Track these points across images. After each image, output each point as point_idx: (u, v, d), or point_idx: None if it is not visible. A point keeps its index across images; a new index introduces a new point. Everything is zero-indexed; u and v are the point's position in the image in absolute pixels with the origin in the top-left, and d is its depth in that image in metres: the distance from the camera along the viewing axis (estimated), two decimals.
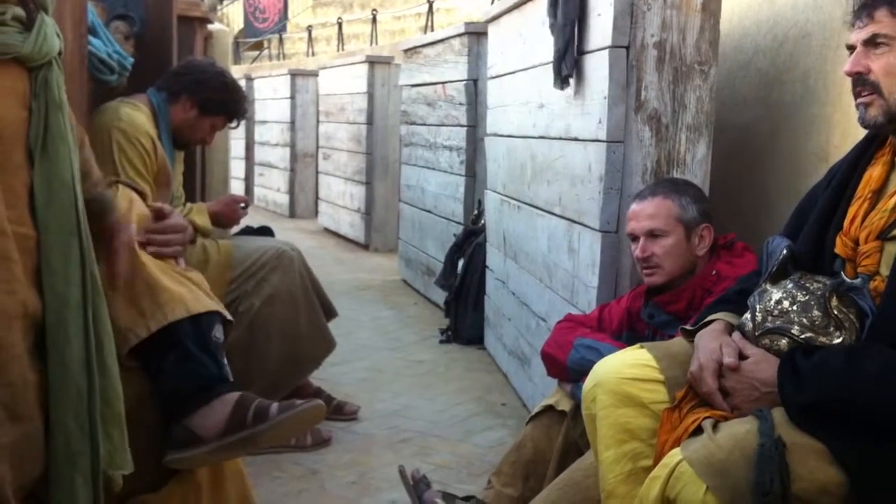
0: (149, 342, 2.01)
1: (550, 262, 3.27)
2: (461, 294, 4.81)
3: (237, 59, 16.01)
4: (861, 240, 1.75)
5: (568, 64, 2.83)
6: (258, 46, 17.73)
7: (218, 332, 2.14)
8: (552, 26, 2.97)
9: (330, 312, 3.45)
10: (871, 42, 1.74)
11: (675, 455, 1.60)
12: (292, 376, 3.26)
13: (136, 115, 3.05)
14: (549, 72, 3.03)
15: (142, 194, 2.28)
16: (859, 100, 1.77)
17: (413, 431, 3.42)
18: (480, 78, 5.11)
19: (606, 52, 2.67)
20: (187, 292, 2.10)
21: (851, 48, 1.80)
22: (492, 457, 3.07)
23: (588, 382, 1.88)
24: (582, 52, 2.87)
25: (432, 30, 9.89)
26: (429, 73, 5.93)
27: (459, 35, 5.34)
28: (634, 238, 2.44)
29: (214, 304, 2.15)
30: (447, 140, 5.58)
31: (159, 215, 2.24)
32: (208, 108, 3.20)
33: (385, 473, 2.98)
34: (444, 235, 5.49)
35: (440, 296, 5.21)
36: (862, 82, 1.76)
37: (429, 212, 5.91)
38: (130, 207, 2.15)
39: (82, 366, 1.61)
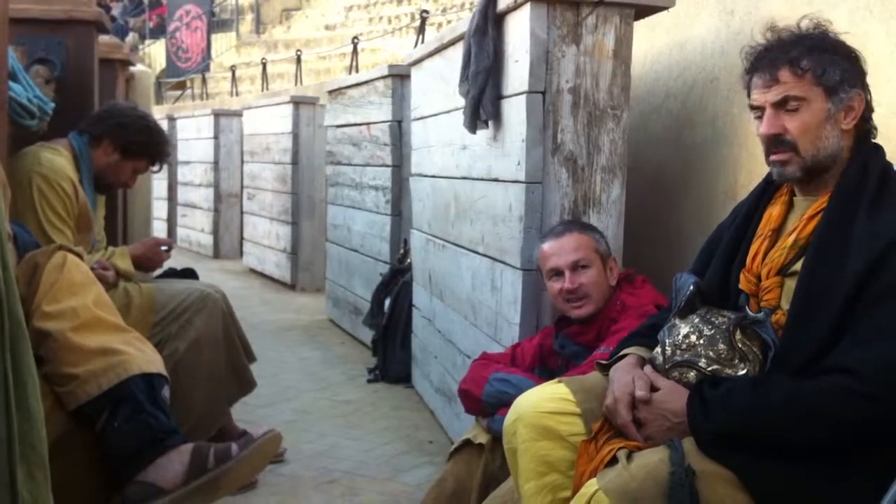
0: (93, 403, 2.01)
1: (475, 299, 3.33)
2: (388, 333, 4.82)
3: (159, 99, 15.84)
4: (763, 275, 1.84)
5: (486, 109, 2.91)
6: (181, 86, 17.56)
7: (165, 393, 2.15)
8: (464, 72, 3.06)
9: (249, 355, 3.40)
10: (782, 103, 1.78)
11: (591, 485, 1.66)
12: (216, 419, 3.24)
13: (56, 159, 3.03)
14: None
15: (78, 255, 2.28)
16: (774, 157, 1.81)
17: (340, 471, 3.42)
18: (405, 119, 5.18)
19: (524, 97, 2.76)
20: (139, 353, 2.10)
21: (755, 108, 1.84)
22: (420, 494, 3.08)
23: (509, 417, 1.94)
24: (500, 97, 2.96)
25: (357, 70, 9.95)
26: (353, 114, 5.98)
27: (383, 77, 5.42)
28: (558, 273, 2.51)
29: (163, 368, 2.16)
30: (373, 180, 5.63)
31: None
32: (130, 152, 3.20)
33: None
34: (370, 274, 5.52)
35: (367, 335, 5.22)
36: (779, 142, 1.80)
37: (355, 251, 5.94)
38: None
39: (1, 411, 1.58)
